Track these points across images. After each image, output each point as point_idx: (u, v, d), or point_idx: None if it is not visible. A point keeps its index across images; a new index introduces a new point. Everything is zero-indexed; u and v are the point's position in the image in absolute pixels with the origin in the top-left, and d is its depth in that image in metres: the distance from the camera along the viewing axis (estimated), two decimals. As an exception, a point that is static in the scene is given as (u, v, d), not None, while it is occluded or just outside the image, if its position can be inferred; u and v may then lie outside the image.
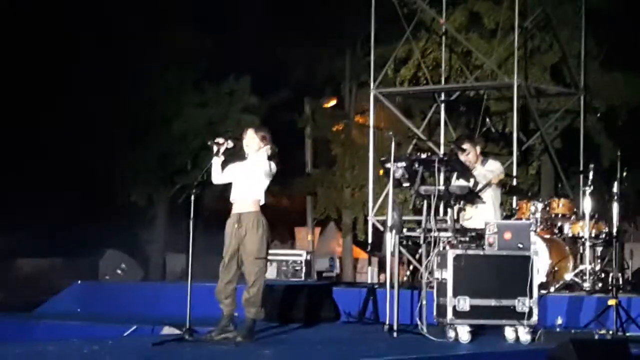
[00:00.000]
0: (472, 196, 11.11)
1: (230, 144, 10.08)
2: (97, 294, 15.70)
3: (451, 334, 10.08)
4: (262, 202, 10.02)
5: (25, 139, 25.42)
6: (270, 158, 10.09)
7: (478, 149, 12.08)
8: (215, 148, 10.06)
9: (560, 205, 13.69)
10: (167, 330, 11.16)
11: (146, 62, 26.04)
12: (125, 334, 12.04)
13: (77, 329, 12.49)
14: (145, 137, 26.38)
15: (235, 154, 10.13)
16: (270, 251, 10.35)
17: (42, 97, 25.08)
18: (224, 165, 10.11)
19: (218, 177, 10.11)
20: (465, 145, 11.98)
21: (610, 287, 11.77)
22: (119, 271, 19.15)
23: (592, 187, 13.33)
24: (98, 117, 25.71)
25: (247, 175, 9.96)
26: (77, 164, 25.94)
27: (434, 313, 10.30)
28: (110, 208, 27.14)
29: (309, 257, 17.01)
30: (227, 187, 10.15)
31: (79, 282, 16.18)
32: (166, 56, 26.30)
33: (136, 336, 11.78)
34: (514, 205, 14.25)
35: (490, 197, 11.90)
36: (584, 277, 12.96)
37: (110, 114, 25.90)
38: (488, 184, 11.96)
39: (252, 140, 10.08)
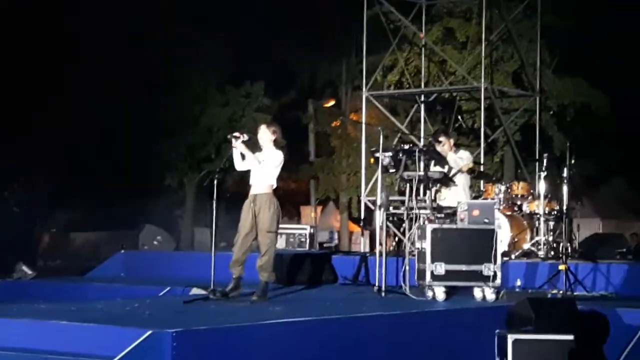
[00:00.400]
0: (446, 180, 11.11)
1: (245, 137, 10.05)
2: (138, 262, 15.65)
3: (429, 293, 10.07)
4: (275, 185, 10.02)
5: (82, 135, 25.39)
6: (278, 147, 10.07)
7: (452, 141, 12.09)
8: (234, 140, 10.04)
9: (519, 188, 13.67)
10: (195, 290, 11.14)
11: (180, 67, 26.00)
12: (161, 294, 12.03)
13: (121, 290, 12.46)
14: (177, 131, 26.32)
15: (253, 146, 10.10)
16: (280, 226, 10.30)
17: (97, 101, 25.01)
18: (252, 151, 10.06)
19: (239, 165, 10.10)
20: (441, 138, 11.97)
21: (560, 255, 11.76)
22: (155, 242, 19.15)
23: (546, 172, 13.31)
24: (139, 115, 25.66)
25: (262, 163, 9.95)
26: (123, 154, 25.92)
27: (415, 276, 10.29)
28: (148, 190, 27.12)
29: (312, 231, 16.96)
30: (246, 172, 10.15)
31: (122, 251, 16.13)
32: (196, 63, 26.23)
33: (169, 296, 11.78)
34: (482, 187, 14.23)
35: (462, 181, 11.91)
36: (539, 247, 12.95)
37: (149, 111, 25.85)
38: (459, 170, 11.96)
39: (264, 134, 10.07)
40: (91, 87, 24.80)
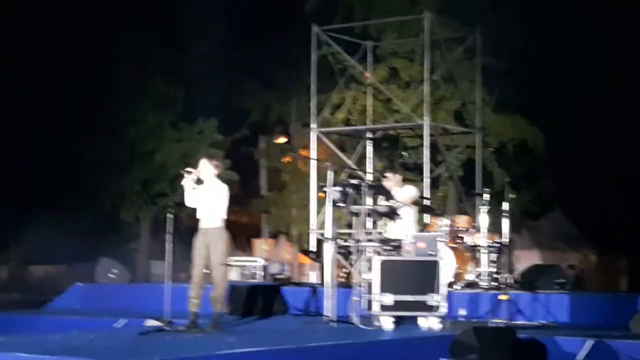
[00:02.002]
0: (392, 214, 11.14)
1: (198, 172, 10.02)
2: (94, 294, 15.49)
3: (377, 323, 10.07)
4: (225, 218, 9.94)
5: (33, 173, 25.19)
6: (222, 180, 10.02)
7: (398, 177, 12.11)
8: (185, 175, 9.99)
9: (462, 221, 13.77)
10: (150, 322, 11.03)
11: (132, 106, 25.92)
12: (117, 326, 11.89)
13: (77, 323, 12.28)
14: (132, 167, 26.16)
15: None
16: (233, 258, 10.27)
17: (47, 135, 24.85)
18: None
19: (189, 201, 10.04)
20: (388, 174, 12.01)
21: (502, 285, 11.85)
22: (111, 275, 18.90)
23: (487, 206, 13.43)
24: (94, 152, 25.51)
25: (208, 197, 9.89)
26: (78, 190, 25.70)
27: (364, 307, 10.28)
28: (104, 224, 26.87)
29: (265, 263, 16.93)
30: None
31: (79, 284, 15.97)
32: (148, 101, 26.17)
33: (125, 327, 11.64)
34: (427, 221, 14.29)
35: (411, 215, 11.94)
36: (482, 278, 13.03)
37: (104, 148, 25.71)
38: (403, 204, 11.96)
39: (206, 168, 10.01)
40: (43, 123, 24.65)
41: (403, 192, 11.85)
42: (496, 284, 12.81)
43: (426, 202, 15.52)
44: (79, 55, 24.31)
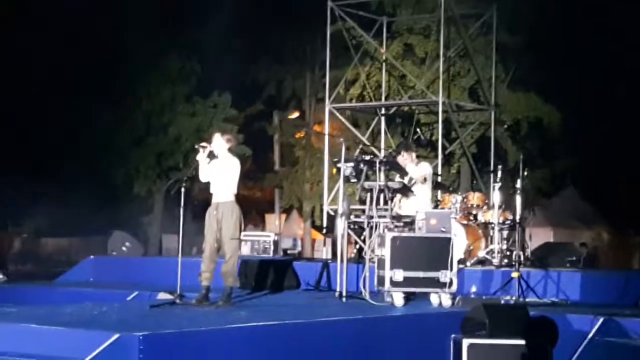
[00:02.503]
0: (405, 190, 11.12)
1: (211, 146, 10.02)
2: (106, 267, 15.55)
3: (388, 299, 10.08)
4: (236, 192, 9.94)
5: (47, 145, 25.29)
6: (234, 155, 10.03)
7: (413, 155, 11.98)
8: (201, 150, 9.99)
9: (475, 198, 13.73)
10: (162, 295, 11.08)
11: (148, 79, 25.94)
12: (128, 299, 11.96)
13: (89, 295, 12.38)
14: (146, 140, 26.21)
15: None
16: (245, 233, 10.29)
17: (61, 107, 24.92)
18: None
19: (202, 175, 10.05)
20: (402, 152, 11.90)
21: (513, 263, 11.84)
22: (123, 248, 18.97)
23: (500, 183, 13.39)
24: (110, 125, 25.59)
25: (221, 171, 9.90)
26: (92, 163, 25.78)
27: (375, 283, 10.29)
28: (117, 198, 26.96)
29: (276, 238, 16.98)
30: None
31: (92, 257, 16.03)
32: (164, 75, 26.18)
33: (137, 300, 11.70)
34: (439, 197, 14.27)
35: (425, 191, 11.82)
36: (493, 255, 13.02)
37: (119, 122, 25.78)
38: (417, 181, 11.88)
39: (219, 143, 10.01)
40: (60, 96, 24.69)
41: (418, 169, 11.75)
42: (508, 261, 12.80)
43: (439, 179, 15.52)
44: (95, 27, 24.31)
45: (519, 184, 12.94)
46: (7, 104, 24.05)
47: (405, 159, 11.66)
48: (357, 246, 14.65)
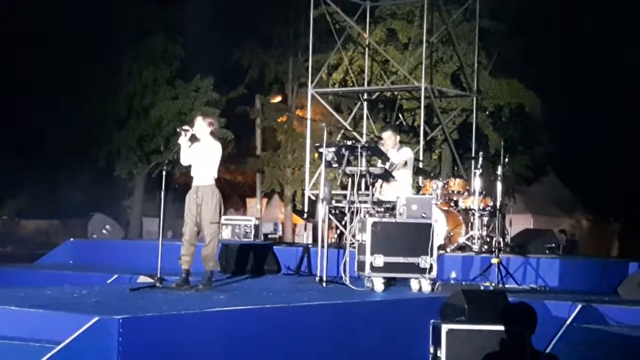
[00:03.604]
0: (386, 175, 11.13)
1: (192, 129, 9.98)
2: (86, 249, 15.49)
3: (368, 284, 10.11)
4: (216, 176, 9.90)
5: (29, 126, 25.19)
6: (215, 139, 9.99)
7: (397, 138, 11.98)
8: (183, 133, 9.96)
9: (456, 184, 13.78)
10: (142, 279, 11.06)
11: (131, 61, 25.84)
12: (108, 282, 11.92)
13: (69, 277, 12.32)
14: (128, 123, 26.11)
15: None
16: (226, 217, 10.27)
17: (44, 88, 24.81)
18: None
19: (184, 159, 10.01)
20: (389, 133, 11.87)
21: (493, 249, 11.89)
22: (104, 231, 18.87)
23: (481, 170, 13.44)
24: (90, 107, 25.47)
25: (202, 155, 9.87)
26: (73, 144, 25.68)
27: (355, 268, 10.31)
28: (98, 180, 26.87)
29: (257, 222, 16.97)
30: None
31: (72, 239, 15.97)
32: (147, 57, 26.08)
33: (117, 283, 11.67)
34: (420, 183, 14.30)
35: (406, 177, 11.84)
36: (474, 241, 13.07)
37: (100, 104, 25.66)
38: (398, 166, 11.88)
39: (201, 126, 9.96)
40: (44, 77, 24.58)
41: (399, 155, 11.77)
42: (488, 247, 12.85)
43: (421, 165, 15.54)
44: (79, 6, 24.15)
45: (499, 171, 12.98)
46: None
47: (389, 139, 11.60)
48: (338, 231, 14.68)
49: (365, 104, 20.46)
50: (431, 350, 8.02)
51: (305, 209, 19.36)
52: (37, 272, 13.56)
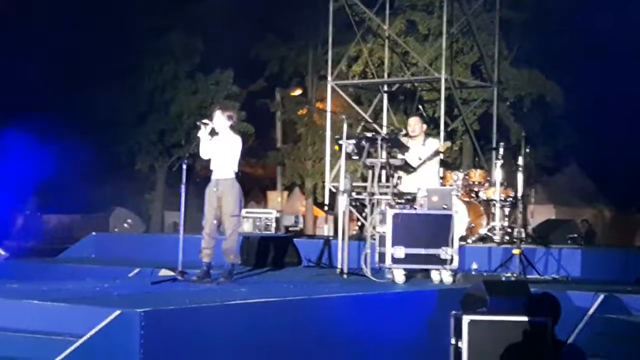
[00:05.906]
0: (406, 167, 11.09)
1: (212, 123, 9.99)
2: (108, 243, 15.56)
3: (389, 276, 10.09)
4: (236, 169, 9.91)
5: (50, 121, 25.28)
6: (235, 132, 9.99)
7: (424, 126, 11.88)
8: (202, 127, 9.97)
9: (477, 175, 13.74)
10: (164, 272, 11.08)
11: (152, 56, 25.92)
12: (130, 275, 11.97)
13: (91, 271, 12.39)
14: (149, 117, 26.20)
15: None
16: (247, 210, 10.26)
17: (63, 83, 24.92)
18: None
19: (204, 152, 10.02)
20: (416, 118, 11.75)
21: (515, 240, 11.85)
22: (125, 225, 18.99)
23: (502, 161, 13.39)
24: (112, 101, 25.57)
25: (221, 148, 9.87)
26: (95, 139, 25.80)
27: (376, 259, 10.30)
28: (119, 174, 26.98)
29: (278, 215, 16.95)
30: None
31: (94, 233, 16.05)
32: (167, 52, 26.16)
33: (138, 277, 11.71)
34: (441, 174, 14.23)
35: (434, 167, 11.69)
36: (495, 232, 13.04)
37: (122, 100, 25.77)
38: (430, 157, 11.70)
39: (220, 120, 9.96)
40: (61, 70, 24.69)
41: (426, 147, 11.54)
42: (509, 238, 12.81)
43: (441, 156, 15.46)
44: (100, 4, 24.27)
45: (520, 161, 12.92)
46: (10, 77, 24.05)
47: (416, 124, 11.48)
48: (359, 223, 14.67)
49: (385, 95, 20.41)
50: (452, 341, 7.99)
51: (326, 202, 19.36)
52: (59, 266, 13.61)
